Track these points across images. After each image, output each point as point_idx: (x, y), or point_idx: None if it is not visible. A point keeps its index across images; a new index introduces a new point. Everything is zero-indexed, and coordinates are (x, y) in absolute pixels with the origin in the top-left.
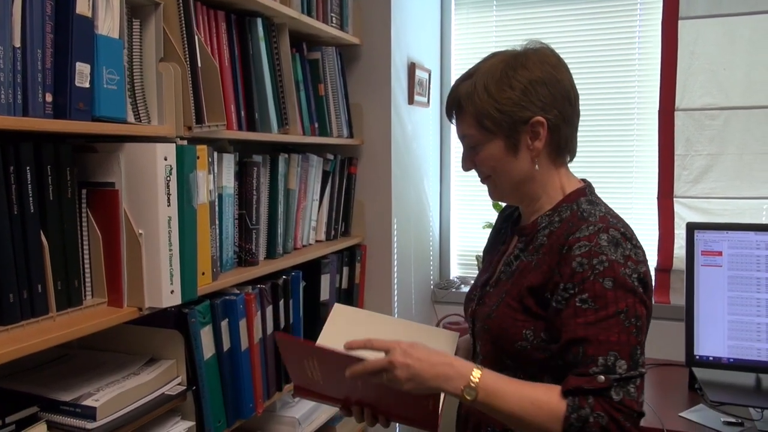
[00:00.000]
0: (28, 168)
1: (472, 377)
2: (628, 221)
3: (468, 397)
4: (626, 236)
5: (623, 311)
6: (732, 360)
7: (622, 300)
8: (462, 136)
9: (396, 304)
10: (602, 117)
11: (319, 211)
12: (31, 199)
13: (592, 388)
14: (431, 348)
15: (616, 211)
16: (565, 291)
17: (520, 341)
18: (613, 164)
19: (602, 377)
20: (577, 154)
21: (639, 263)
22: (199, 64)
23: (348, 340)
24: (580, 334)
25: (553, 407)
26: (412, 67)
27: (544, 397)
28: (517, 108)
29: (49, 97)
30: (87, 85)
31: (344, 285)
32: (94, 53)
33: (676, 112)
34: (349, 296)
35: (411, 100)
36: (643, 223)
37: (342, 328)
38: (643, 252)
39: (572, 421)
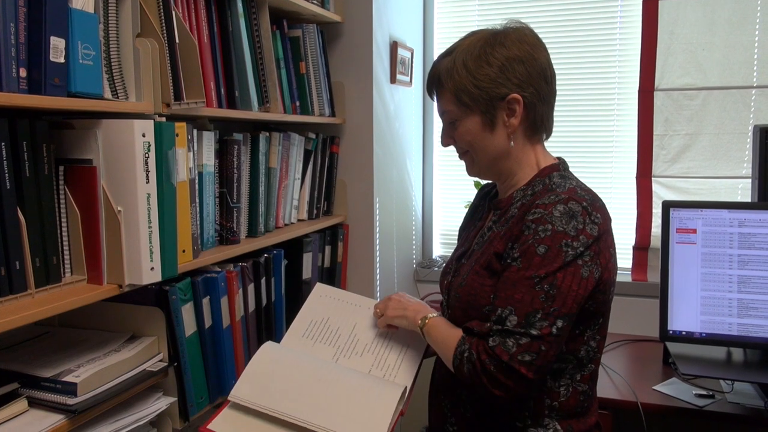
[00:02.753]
0: (3, 144)
1: (429, 314)
2: (607, 200)
3: (420, 324)
4: (587, 210)
5: (540, 276)
6: (704, 334)
7: (544, 267)
8: (441, 112)
9: (378, 282)
10: (583, 97)
11: (301, 189)
12: (6, 175)
13: (478, 331)
14: (411, 299)
15: (596, 190)
16: (512, 250)
17: (487, 305)
18: (594, 144)
19: (491, 325)
20: (558, 134)
21: (592, 237)
22: (177, 40)
23: (323, 319)
24: (499, 285)
25: (450, 343)
26: (394, 46)
27: (452, 335)
28: (494, 84)
29: (23, 72)
30: (62, 60)
31: (326, 264)
32: (68, 27)
33: (655, 92)
34: (332, 275)
35: (393, 80)
36: (622, 203)
37: (320, 308)
38: (604, 228)
39: (456, 354)
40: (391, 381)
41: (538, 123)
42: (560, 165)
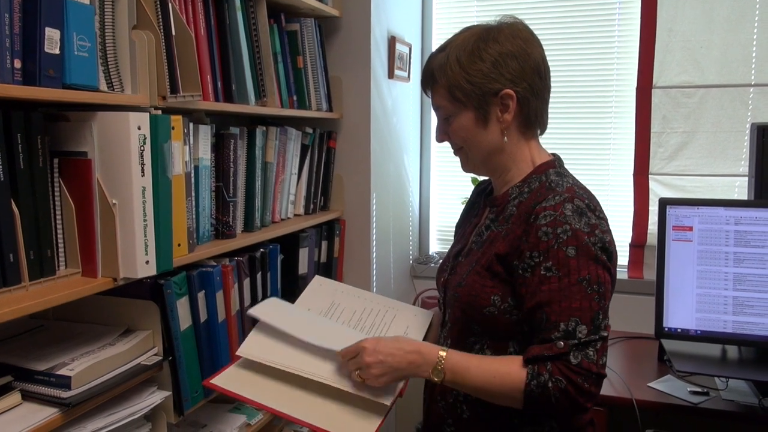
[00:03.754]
0: None
1: (438, 360)
2: (604, 198)
3: (436, 379)
4: (590, 207)
5: (585, 278)
6: (699, 332)
7: (584, 268)
8: (436, 108)
9: (375, 278)
10: (581, 94)
11: (297, 184)
12: (0, 167)
13: (551, 355)
14: (394, 339)
15: (593, 187)
16: (530, 259)
17: (488, 307)
18: (591, 141)
19: (561, 343)
20: (555, 130)
21: (604, 233)
22: (174, 33)
23: (319, 311)
24: (544, 300)
25: (514, 377)
26: (392, 41)
27: (505, 369)
28: (487, 80)
29: (17, 63)
30: (57, 51)
31: (323, 259)
32: (63, 19)
33: (653, 90)
34: (328, 270)
35: (391, 75)
36: (619, 200)
37: (318, 297)
38: (607, 222)
39: (532, 388)
40: None
41: (532, 118)
42: (555, 161)
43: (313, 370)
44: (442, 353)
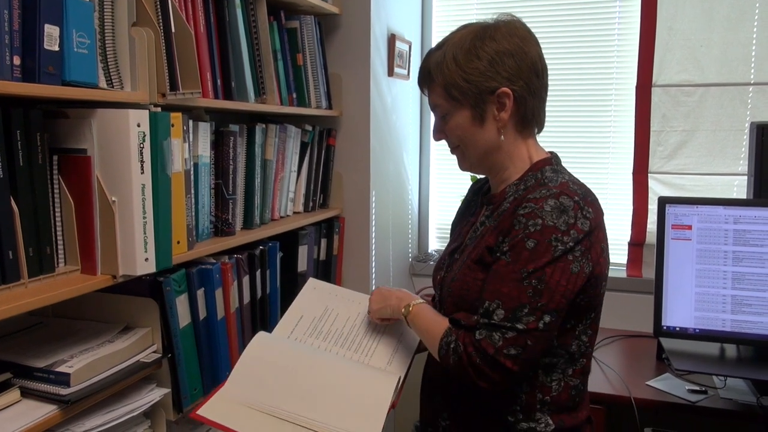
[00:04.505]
0: None
1: (413, 302)
2: (603, 196)
3: (404, 312)
4: (579, 205)
5: (528, 271)
6: (698, 330)
7: (533, 262)
8: (433, 106)
9: (374, 276)
10: (581, 92)
11: (297, 182)
12: (0, 164)
13: (464, 323)
14: (396, 296)
15: (593, 186)
16: (503, 244)
17: (478, 298)
18: (591, 139)
19: (477, 318)
20: (555, 129)
21: (583, 232)
22: (173, 30)
23: (314, 315)
24: (488, 278)
25: (438, 331)
26: (392, 39)
27: (439, 325)
28: (484, 78)
29: (17, 60)
30: (56, 48)
31: (322, 257)
32: (63, 15)
33: (653, 88)
34: (327, 268)
35: (391, 72)
36: (618, 198)
37: (311, 304)
38: (596, 222)
39: (442, 344)
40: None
41: (529, 117)
42: (552, 159)
43: (300, 412)
44: (419, 300)
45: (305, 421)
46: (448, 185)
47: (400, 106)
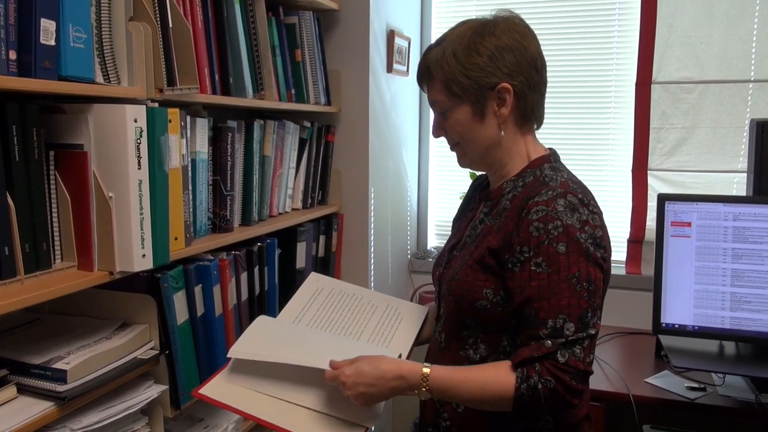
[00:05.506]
0: None
1: (422, 382)
2: (602, 193)
3: (423, 398)
4: (584, 202)
5: (575, 275)
6: (697, 328)
7: (574, 264)
8: (432, 103)
9: (372, 273)
10: (580, 89)
11: (295, 178)
12: None
13: (539, 356)
14: (374, 364)
15: (592, 183)
16: (520, 254)
17: (480, 300)
18: (590, 136)
19: (549, 342)
20: (554, 125)
21: (596, 228)
22: (171, 25)
23: (316, 308)
24: (533, 295)
25: (503, 384)
26: (391, 35)
27: (492, 378)
28: (484, 74)
29: (13, 55)
30: (53, 42)
31: (321, 253)
32: (59, 10)
33: (652, 85)
34: (326, 265)
35: (390, 69)
36: (617, 195)
37: (313, 296)
38: (600, 217)
39: (522, 392)
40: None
41: (529, 112)
42: (551, 156)
43: (295, 395)
44: (426, 371)
45: (305, 404)
46: (447, 182)
47: (399, 102)
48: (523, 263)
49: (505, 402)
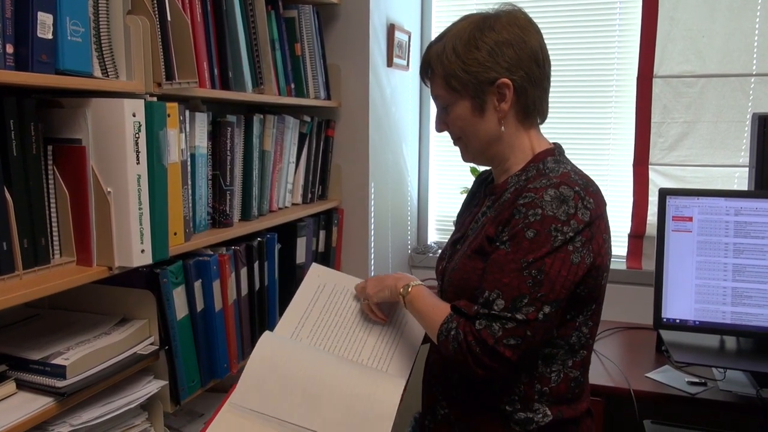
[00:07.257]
0: None
1: (411, 283)
2: (603, 187)
3: (402, 292)
4: (580, 195)
5: (528, 262)
6: (698, 322)
7: (532, 252)
8: (434, 97)
9: (373, 268)
10: (581, 83)
11: (295, 173)
12: None
13: (465, 312)
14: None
15: (593, 177)
16: (502, 234)
17: (478, 288)
18: (591, 130)
19: (477, 308)
20: (555, 119)
21: (584, 223)
22: (169, 18)
23: (319, 305)
24: (487, 267)
25: (438, 317)
26: (391, 29)
27: (439, 310)
28: (483, 69)
29: (9, 48)
30: (50, 36)
31: (321, 248)
32: (56, 3)
33: (654, 79)
34: (326, 260)
35: (390, 63)
36: (619, 190)
37: (316, 293)
38: (597, 213)
39: (442, 330)
40: (390, 372)
41: (530, 107)
42: (555, 150)
43: (307, 424)
44: (417, 282)
45: (314, 428)
46: (448, 177)
47: (399, 96)
48: (500, 243)
49: (433, 333)
